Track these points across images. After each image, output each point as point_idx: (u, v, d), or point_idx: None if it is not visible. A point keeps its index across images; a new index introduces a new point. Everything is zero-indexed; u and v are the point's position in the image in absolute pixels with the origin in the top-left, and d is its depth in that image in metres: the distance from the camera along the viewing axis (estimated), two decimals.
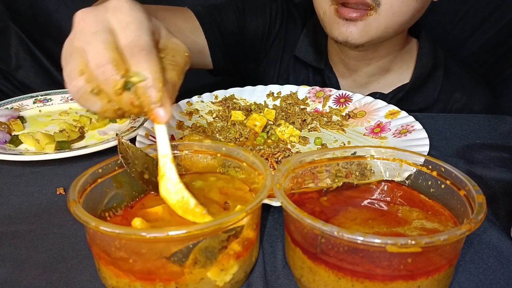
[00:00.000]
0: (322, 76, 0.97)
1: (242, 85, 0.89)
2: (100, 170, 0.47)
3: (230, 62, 1.00)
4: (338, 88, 0.92)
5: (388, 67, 0.93)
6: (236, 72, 1.04)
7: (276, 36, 1.00)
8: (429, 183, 0.48)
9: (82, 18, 0.43)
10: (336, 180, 0.51)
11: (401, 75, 0.93)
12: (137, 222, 0.43)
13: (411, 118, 0.74)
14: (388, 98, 0.91)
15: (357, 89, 0.93)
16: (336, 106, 0.84)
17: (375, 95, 0.89)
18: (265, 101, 0.86)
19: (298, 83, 0.90)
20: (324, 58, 0.96)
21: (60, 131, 0.77)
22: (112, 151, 0.70)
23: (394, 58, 0.92)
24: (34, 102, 0.90)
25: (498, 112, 0.91)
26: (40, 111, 0.89)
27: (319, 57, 0.96)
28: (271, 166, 0.65)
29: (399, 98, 0.92)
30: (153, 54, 0.42)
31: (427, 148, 0.65)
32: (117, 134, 0.48)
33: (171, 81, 0.43)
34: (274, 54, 1.01)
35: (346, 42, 0.80)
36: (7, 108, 0.87)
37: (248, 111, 0.82)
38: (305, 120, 0.79)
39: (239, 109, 0.81)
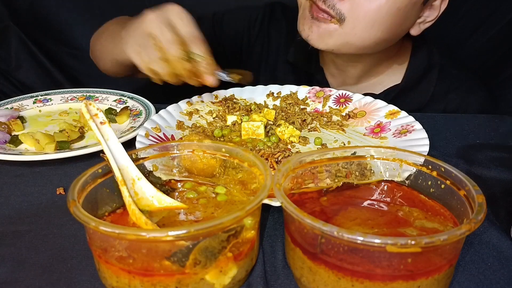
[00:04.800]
0: (311, 79, 0.98)
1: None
2: (100, 170, 0.47)
3: None
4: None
5: (377, 70, 0.93)
6: None
7: (256, 40, 1.04)
8: (429, 183, 0.48)
9: (150, 14, 0.67)
10: (336, 180, 0.51)
11: (393, 75, 0.94)
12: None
13: (411, 118, 0.74)
14: (380, 98, 0.91)
15: (347, 89, 0.93)
16: (336, 106, 0.84)
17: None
18: (265, 101, 0.86)
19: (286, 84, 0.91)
20: (314, 61, 0.97)
21: (60, 131, 0.77)
22: None
23: (384, 62, 0.92)
24: (34, 102, 0.90)
25: (497, 112, 0.91)
26: (40, 111, 0.89)
27: (309, 60, 0.98)
28: (271, 166, 0.65)
29: (391, 98, 0.91)
30: (205, 42, 0.67)
31: (427, 148, 0.65)
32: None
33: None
34: (257, 57, 1.04)
35: (307, 41, 0.84)
36: (7, 108, 0.87)
37: (248, 111, 0.81)
38: (305, 120, 0.79)
39: (239, 109, 0.81)
